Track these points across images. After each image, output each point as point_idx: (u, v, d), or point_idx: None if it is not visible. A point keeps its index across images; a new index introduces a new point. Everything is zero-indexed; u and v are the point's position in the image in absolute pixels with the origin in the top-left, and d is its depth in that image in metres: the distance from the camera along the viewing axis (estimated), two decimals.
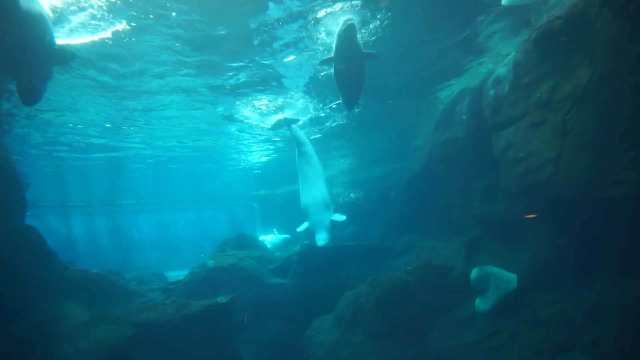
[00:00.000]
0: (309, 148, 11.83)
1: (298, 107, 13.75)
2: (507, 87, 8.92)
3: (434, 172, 13.63)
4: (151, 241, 40.17)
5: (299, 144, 11.79)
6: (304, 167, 11.56)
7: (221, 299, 8.79)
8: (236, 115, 14.37)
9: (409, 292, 9.59)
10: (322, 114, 14.80)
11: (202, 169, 24.18)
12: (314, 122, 15.68)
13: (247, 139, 17.99)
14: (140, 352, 7.86)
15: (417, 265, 10.06)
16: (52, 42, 5.25)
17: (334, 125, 16.25)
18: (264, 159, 22.30)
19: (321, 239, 10.30)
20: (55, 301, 9.04)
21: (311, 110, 14.29)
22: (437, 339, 8.87)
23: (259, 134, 17.23)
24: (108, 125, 14.05)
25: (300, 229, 11.24)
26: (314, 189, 11.06)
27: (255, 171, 25.90)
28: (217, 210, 45.00)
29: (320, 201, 10.89)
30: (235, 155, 21.39)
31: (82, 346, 7.66)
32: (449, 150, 12.15)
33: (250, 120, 15.11)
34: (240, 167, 24.54)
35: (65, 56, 5.22)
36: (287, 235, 20.13)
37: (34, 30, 4.82)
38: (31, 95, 5.41)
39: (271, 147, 19.67)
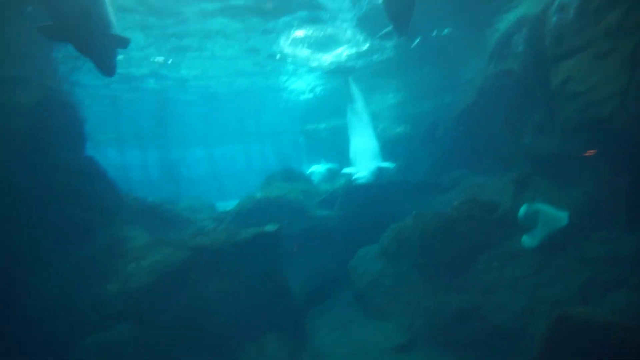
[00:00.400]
0: (361, 104, 12.14)
1: (346, 38, 13.33)
2: (572, 13, 8.17)
3: (484, 106, 13.07)
4: (202, 173, 41.84)
5: (351, 99, 12.05)
6: (355, 122, 12.36)
7: (269, 228, 9.16)
8: (284, 51, 14.16)
9: (454, 226, 9.63)
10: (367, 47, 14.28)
11: (248, 104, 24.39)
12: (363, 54, 15.19)
13: (293, 75, 17.79)
14: (194, 273, 8.48)
15: (463, 200, 9.99)
16: (115, 32, 6.50)
17: (383, 58, 15.67)
18: (309, 95, 22.11)
19: (361, 177, 10.46)
20: (119, 225, 9.79)
21: (360, 42, 13.80)
22: (481, 272, 8.98)
23: (307, 70, 16.99)
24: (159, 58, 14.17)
25: (346, 170, 11.50)
26: (364, 142, 11.33)
27: (301, 106, 25.81)
28: (264, 145, 45.77)
29: (369, 152, 11.12)
30: (282, 91, 21.31)
31: (144, 265, 8.36)
32: (501, 83, 11.52)
33: (297, 54, 14.85)
34: (286, 101, 24.52)
35: (125, 41, 6.52)
36: (334, 165, 19.99)
37: (103, 24, 6.14)
38: (109, 71, 6.95)
39: (319, 82, 19.39)
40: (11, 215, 8.05)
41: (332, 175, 19.03)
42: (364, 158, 11.19)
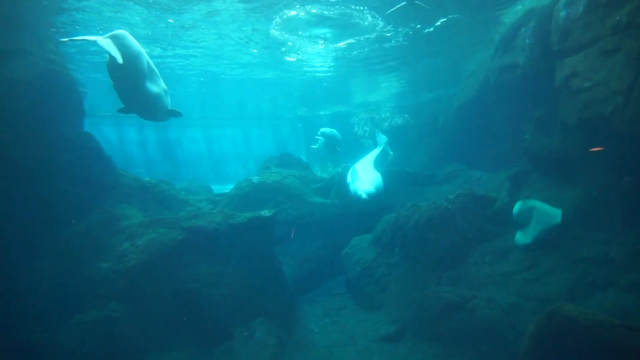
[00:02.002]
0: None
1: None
2: (581, 8, 8.06)
3: (486, 101, 13.01)
4: (199, 155, 41.71)
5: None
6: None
7: (265, 212, 9.16)
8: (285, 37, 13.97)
9: (448, 219, 9.63)
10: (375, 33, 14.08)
11: (247, 85, 24.20)
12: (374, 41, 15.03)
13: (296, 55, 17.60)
14: (189, 254, 8.49)
15: (459, 193, 9.99)
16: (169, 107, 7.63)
17: (392, 44, 15.48)
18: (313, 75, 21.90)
19: (367, 192, 10.23)
20: (113, 203, 9.77)
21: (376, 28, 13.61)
22: (473, 266, 9.02)
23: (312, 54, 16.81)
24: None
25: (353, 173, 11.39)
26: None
27: (300, 90, 25.65)
28: (263, 129, 45.60)
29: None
30: (282, 72, 21.10)
31: (138, 243, 8.35)
32: (505, 77, 11.44)
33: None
34: (286, 84, 24.35)
35: (178, 114, 7.63)
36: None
37: (161, 103, 7.33)
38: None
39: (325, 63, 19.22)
40: (5, 189, 8.01)
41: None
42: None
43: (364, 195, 10.08)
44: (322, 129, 16.78)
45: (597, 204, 8.18)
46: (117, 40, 6.19)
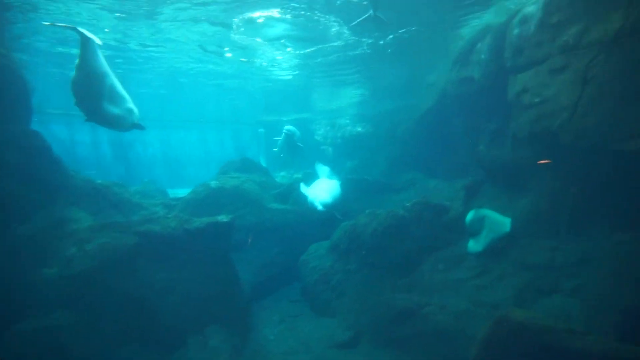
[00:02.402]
0: None
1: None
2: (533, 27, 8.48)
3: (444, 112, 13.38)
4: (155, 157, 40.44)
5: None
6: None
7: (222, 218, 8.99)
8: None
9: (405, 227, 9.82)
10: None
11: (208, 89, 23.83)
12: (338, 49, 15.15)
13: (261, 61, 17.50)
14: (141, 259, 8.20)
15: (415, 202, 10.21)
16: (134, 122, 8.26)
17: (357, 53, 15.68)
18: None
19: (322, 203, 10.55)
20: (61, 206, 9.30)
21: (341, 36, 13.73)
22: (427, 273, 9.22)
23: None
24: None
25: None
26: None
27: (262, 94, 25.52)
28: (223, 133, 44.91)
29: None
30: (244, 78, 20.93)
31: (87, 249, 7.97)
32: (462, 90, 11.82)
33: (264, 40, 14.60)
34: (248, 89, 24.16)
35: (142, 127, 8.50)
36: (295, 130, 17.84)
37: (121, 122, 7.94)
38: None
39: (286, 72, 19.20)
40: None
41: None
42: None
43: (319, 207, 10.22)
44: (286, 127, 16.75)
45: (545, 213, 8.57)
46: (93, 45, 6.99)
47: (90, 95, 7.05)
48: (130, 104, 7.99)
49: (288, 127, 16.36)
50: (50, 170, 9.55)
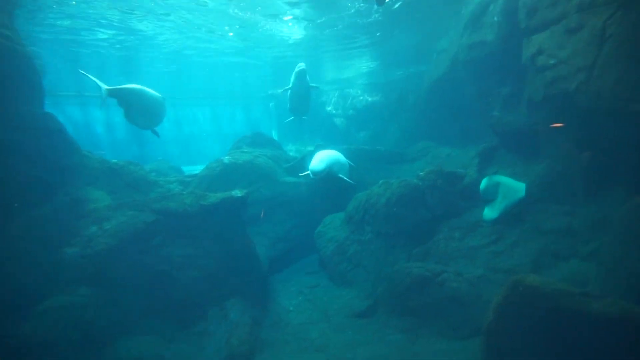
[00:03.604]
0: None
1: None
2: None
3: (456, 78, 13.12)
4: (169, 135, 40.64)
5: None
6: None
7: (237, 192, 9.06)
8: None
9: (419, 196, 9.80)
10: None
11: (218, 63, 23.65)
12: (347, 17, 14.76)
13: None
14: (159, 236, 8.36)
15: (428, 171, 10.14)
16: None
17: (369, 20, 15.29)
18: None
19: (317, 171, 10.15)
20: (79, 186, 9.47)
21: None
22: (442, 241, 9.24)
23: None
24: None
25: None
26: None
27: (272, 68, 25.23)
28: (234, 108, 44.79)
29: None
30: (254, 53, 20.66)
31: (106, 227, 8.15)
32: (474, 55, 11.54)
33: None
34: (258, 63, 23.91)
35: (157, 134, 10.86)
36: None
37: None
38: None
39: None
40: None
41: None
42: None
43: (311, 175, 10.14)
44: (299, 64, 12.66)
45: (561, 177, 8.46)
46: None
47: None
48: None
49: (301, 64, 12.60)
50: (66, 151, 9.68)
